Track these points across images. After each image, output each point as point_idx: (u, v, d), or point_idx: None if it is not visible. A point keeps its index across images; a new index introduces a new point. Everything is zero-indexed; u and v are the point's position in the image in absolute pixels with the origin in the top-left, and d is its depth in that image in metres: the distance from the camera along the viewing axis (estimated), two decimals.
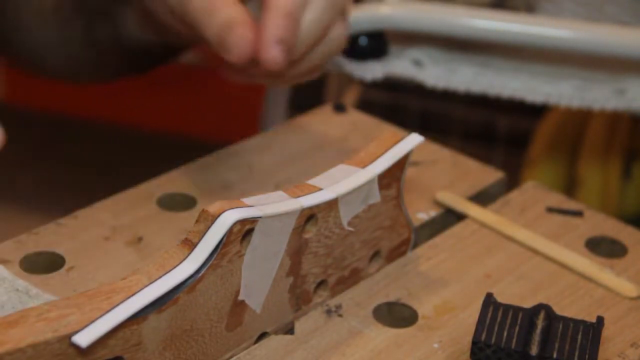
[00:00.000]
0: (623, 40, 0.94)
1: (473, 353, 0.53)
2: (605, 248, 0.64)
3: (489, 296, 0.56)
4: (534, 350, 0.53)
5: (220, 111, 1.92)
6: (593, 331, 0.54)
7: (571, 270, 0.62)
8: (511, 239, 0.64)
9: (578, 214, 0.67)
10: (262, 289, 0.54)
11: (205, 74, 1.78)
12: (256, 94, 1.56)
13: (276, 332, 0.56)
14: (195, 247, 0.51)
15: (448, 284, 0.60)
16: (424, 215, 0.66)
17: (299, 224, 0.55)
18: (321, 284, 0.58)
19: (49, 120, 1.99)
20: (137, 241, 0.62)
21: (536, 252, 0.63)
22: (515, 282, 0.61)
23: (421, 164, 0.71)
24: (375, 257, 0.61)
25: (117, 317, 0.47)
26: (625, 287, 0.60)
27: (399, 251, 0.62)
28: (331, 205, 0.56)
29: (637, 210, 1.29)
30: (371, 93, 1.50)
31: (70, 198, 1.22)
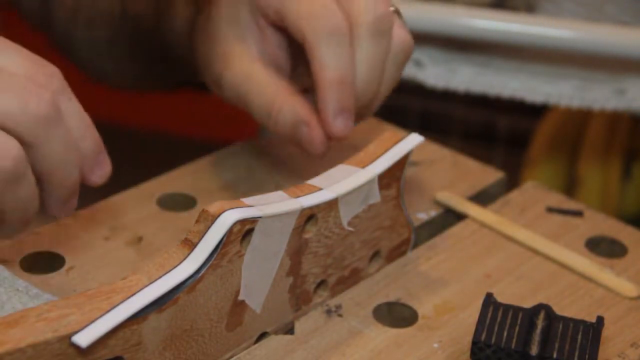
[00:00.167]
0: (623, 40, 0.94)
1: (473, 353, 0.53)
2: (605, 248, 0.64)
3: (489, 296, 0.55)
4: (534, 350, 0.53)
5: (220, 111, 1.91)
6: (593, 331, 0.54)
7: (571, 270, 0.62)
8: (511, 239, 0.64)
9: (578, 214, 0.67)
10: (262, 289, 0.54)
11: None
12: None
13: (276, 332, 0.56)
14: (195, 247, 0.50)
15: (448, 284, 0.60)
16: (424, 215, 0.66)
17: (299, 224, 0.55)
18: (321, 284, 0.58)
19: None
20: (137, 241, 0.62)
21: (536, 252, 0.63)
22: (515, 282, 0.61)
23: (421, 164, 0.71)
24: (375, 257, 0.61)
25: (117, 317, 0.47)
26: (625, 287, 0.60)
27: (399, 251, 0.62)
28: (331, 205, 0.56)
29: (637, 210, 1.29)
30: None
31: None
